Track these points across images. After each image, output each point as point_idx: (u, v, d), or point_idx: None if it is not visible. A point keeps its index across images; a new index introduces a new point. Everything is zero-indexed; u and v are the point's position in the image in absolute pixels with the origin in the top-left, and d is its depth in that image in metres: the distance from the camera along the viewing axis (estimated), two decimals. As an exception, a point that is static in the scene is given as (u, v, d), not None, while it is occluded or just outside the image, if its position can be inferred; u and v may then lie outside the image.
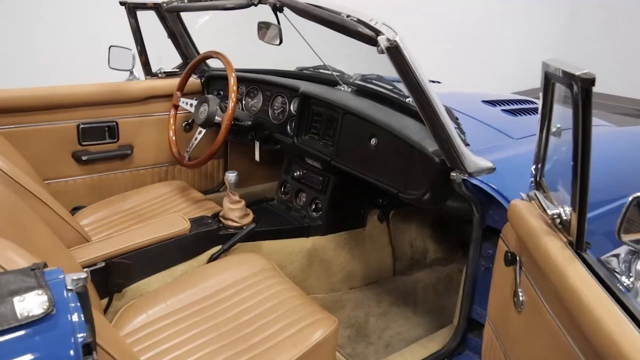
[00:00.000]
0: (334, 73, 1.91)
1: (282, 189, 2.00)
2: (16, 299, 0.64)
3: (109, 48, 2.16)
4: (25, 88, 1.84)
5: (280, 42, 1.59)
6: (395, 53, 1.12)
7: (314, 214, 1.86)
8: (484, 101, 1.99)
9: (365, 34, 1.14)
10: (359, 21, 1.16)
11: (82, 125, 1.98)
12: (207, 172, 2.37)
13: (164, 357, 1.18)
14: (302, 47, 1.81)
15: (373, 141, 1.56)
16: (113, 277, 1.40)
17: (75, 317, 0.68)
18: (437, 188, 1.38)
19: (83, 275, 0.74)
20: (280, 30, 1.56)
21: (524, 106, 1.98)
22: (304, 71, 2.12)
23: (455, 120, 1.39)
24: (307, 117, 1.83)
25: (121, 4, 2.00)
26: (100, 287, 1.37)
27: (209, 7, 1.80)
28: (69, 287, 0.70)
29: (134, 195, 2.02)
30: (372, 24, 1.14)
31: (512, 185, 1.23)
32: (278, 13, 1.57)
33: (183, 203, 1.98)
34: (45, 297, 0.65)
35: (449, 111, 1.39)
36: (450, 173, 1.31)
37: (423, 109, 1.20)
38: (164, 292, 1.40)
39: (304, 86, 1.87)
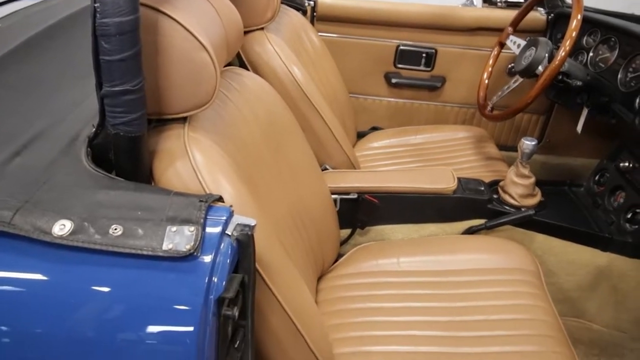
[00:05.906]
0: None
1: (597, 177, 1.52)
2: (170, 228, 0.61)
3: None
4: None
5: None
6: None
7: (627, 225, 1.35)
8: None
9: None
10: None
11: (401, 47, 1.91)
12: (521, 126, 2.03)
13: (364, 316, 1.09)
14: None
15: None
16: (360, 212, 1.36)
17: (219, 265, 0.62)
18: None
19: (252, 222, 0.67)
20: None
21: None
22: None
23: None
24: None
25: None
26: (346, 217, 1.35)
27: None
28: (228, 232, 0.64)
29: (429, 131, 1.90)
30: None
31: None
32: None
33: (472, 156, 1.75)
34: (194, 236, 0.61)
35: None
36: None
37: None
38: (401, 247, 1.29)
39: None
